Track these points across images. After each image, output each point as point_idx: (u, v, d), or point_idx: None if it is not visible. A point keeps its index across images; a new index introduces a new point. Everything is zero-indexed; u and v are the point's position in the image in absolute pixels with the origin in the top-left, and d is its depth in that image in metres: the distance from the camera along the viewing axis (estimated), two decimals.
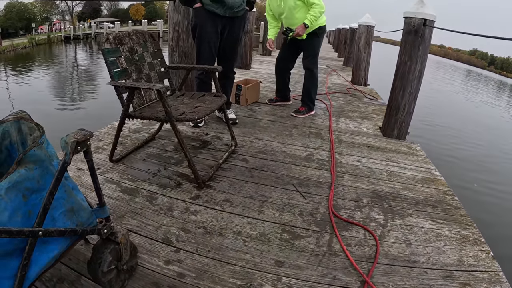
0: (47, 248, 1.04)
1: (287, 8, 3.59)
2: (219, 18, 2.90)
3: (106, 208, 1.21)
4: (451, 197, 2.32)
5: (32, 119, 1.14)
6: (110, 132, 2.89)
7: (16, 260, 0.95)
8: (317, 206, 2.04)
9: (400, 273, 1.56)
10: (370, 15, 6.55)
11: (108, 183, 2.10)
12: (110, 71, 2.08)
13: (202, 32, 2.92)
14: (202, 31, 2.91)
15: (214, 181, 2.24)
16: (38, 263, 1.02)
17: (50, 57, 22.85)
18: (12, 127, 1.12)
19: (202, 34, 2.92)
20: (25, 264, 0.95)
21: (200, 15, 2.88)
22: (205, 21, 2.88)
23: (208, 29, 2.90)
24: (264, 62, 8.82)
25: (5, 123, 1.11)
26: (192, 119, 2.03)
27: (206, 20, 2.88)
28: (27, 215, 0.96)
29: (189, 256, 1.54)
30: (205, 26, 2.89)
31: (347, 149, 3.03)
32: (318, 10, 3.52)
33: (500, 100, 20.97)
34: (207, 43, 2.95)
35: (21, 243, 0.95)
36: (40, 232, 0.95)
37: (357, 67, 6.74)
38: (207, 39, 2.93)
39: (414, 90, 3.32)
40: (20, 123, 1.13)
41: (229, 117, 3.42)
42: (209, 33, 2.91)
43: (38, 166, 0.99)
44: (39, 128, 1.10)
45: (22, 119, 1.12)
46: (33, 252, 0.98)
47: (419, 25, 3.12)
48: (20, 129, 1.13)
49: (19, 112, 1.16)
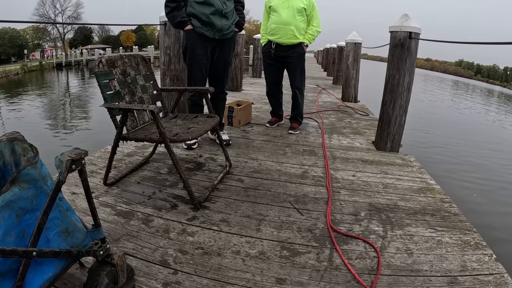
0: (41, 269, 1.01)
1: (291, 6, 3.66)
2: (208, 40, 2.96)
3: (101, 229, 1.19)
4: (448, 204, 2.32)
5: (26, 140, 1.12)
6: (103, 156, 2.86)
7: (9, 282, 0.92)
8: (315, 222, 2.02)
9: (404, 282, 1.53)
10: (357, 32, 6.69)
11: (103, 207, 2.07)
12: (103, 94, 2.08)
13: (192, 54, 2.97)
14: (193, 53, 2.96)
15: (210, 201, 2.22)
16: (32, 285, 0.98)
17: (43, 83, 22.91)
18: (5, 147, 1.11)
19: (192, 55, 2.97)
20: (18, 286, 0.92)
21: (191, 37, 2.94)
22: (195, 43, 2.94)
23: (199, 51, 2.96)
24: (254, 84, 8.90)
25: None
26: (186, 139, 2.02)
27: (196, 42, 2.93)
28: (20, 235, 0.93)
29: (187, 278, 1.50)
30: (195, 48, 2.95)
31: (341, 164, 3.03)
32: (315, 29, 3.73)
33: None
34: (197, 64, 2.99)
35: (14, 264, 0.92)
36: (34, 252, 0.92)
37: (347, 85, 6.83)
38: (197, 60, 2.98)
39: (404, 102, 3.36)
40: (13, 144, 1.11)
41: (223, 138, 3.43)
42: (200, 55, 2.97)
43: (32, 185, 0.98)
44: (32, 149, 1.08)
45: (16, 140, 1.11)
46: (27, 274, 0.95)
47: (404, 38, 3.19)
48: (13, 150, 1.11)
49: (12, 132, 1.14)
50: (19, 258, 0.93)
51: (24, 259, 0.93)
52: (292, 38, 3.71)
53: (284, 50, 3.78)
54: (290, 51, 3.77)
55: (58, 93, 18.28)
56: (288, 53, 3.79)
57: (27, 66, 31.22)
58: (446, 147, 8.61)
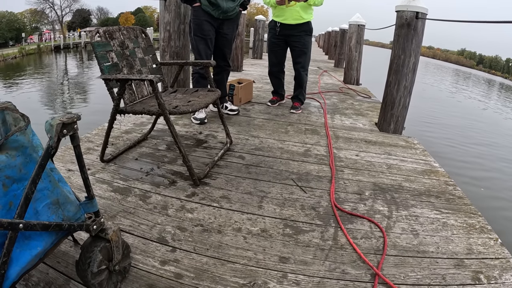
0: (29, 244, 0.94)
1: None
2: (214, 18, 3.09)
3: (95, 201, 1.11)
4: (453, 187, 2.27)
5: (18, 110, 1.04)
6: (100, 134, 2.78)
7: None
8: (318, 200, 1.96)
9: (411, 263, 1.48)
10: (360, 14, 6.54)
11: (99, 183, 2.00)
12: (100, 65, 1.99)
13: (200, 29, 3.07)
14: (201, 28, 3.07)
15: (210, 178, 2.15)
16: (20, 261, 0.91)
17: (40, 66, 22.62)
18: None
19: (200, 30, 3.07)
20: (4, 261, 0.85)
21: (198, 14, 3.05)
22: (202, 19, 3.05)
23: (206, 26, 3.07)
24: (255, 65, 8.76)
25: None
26: (186, 111, 1.94)
27: (203, 19, 3.05)
28: (7, 206, 0.86)
29: (186, 256, 1.44)
30: (203, 24, 3.06)
31: (344, 144, 2.96)
32: None
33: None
34: (204, 39, 3.09)
35: (0, 238, 0.85)
36: (21, 224, 0.84)
37: (349, 67, 6.70)
38: (204, 36, 3.08)
39: (409, 83, 3.27)
40: (4, 114, 1.02)
41: (231, 108, 3.56)
42: (207, 30, 3.08)
43: (21, 153, 0.90)
44: (24, 118, 0.99)
45: (7, 109, 1.02)
46: (14, 249, 0.87)
47: (411, 18, 3.08)
48: (4, 120, 1.03)
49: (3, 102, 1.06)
50: (4, 231, 0.85)
51: (10, 232, 0.85)
52: (299, 19, 3.62)
53: (289, 29, 3.69)
54: (296, 29, 3.67)
55: (57, 75, 18.05)
56: (294, 32, 3.69)
57: (25, 50, 30.74)
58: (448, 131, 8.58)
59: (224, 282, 1.31)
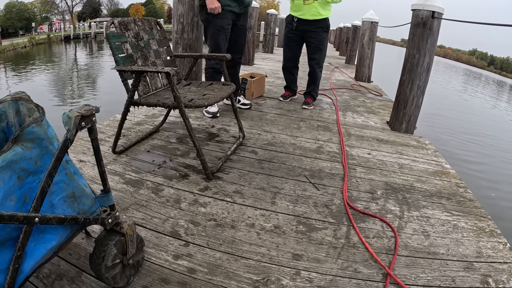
0: (44, 238, 0.93)
1: None
2: (232, 12, 3.12)
3: (111, 195, 1.11)
4: (464, 189, 2.25)
5: (32, 100, 1.03)
6: (112, 125, 2.78)
7: (9, 251, 0.84)
8: (331, 198, 1.95)
9: (422, 265, 1.47)
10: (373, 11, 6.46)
11: (111, 175, 2.00)
12: (115, 56, 1.98)
13: (219, 25, 3.07)
14: (219, 25, 3.07)
15: (223, 172, 2.14)
16: (34, 255, 0.90)
17: (50, 56, 22.74)
18: (9, 107, 1.01)
19: (219, 27, 3.08)
20: (18, 255, 0.84)
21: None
22: (221, 16, 3.05)
23: (225, 22, 3.09)
24: (266, 59, 8.73)
25: (2, 103, 1.00)
26: (201, 105, 1.92)
27: (222, 15, 3.05)
28: (22, 199, 0.85)
29: (199, 250, 1.44)
30: (221, 20, 3.06)
31: (356, 141, 2.94)
32: None
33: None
34: (224, 33, 3.11)
35: (14, 232, 0.84)
36: (37, 218, 0.83)
37: (361, 64, 6.64)
38: (225, 30, 3.10)
39: (422, 83, 3.23)
40: (18, 104, 1.02)
41: (244, 102, 3.55)
42: (226, 24, 3.10)
43: (37, 145, 0.89)
44: (39, 109, 0.99)
45: (21, 100, 1.01)
46: (28, 243, 0.86)
47: (427, 17, 3.03)
48: (18, 110, 1.02)
49: (18, 92, 1.05)
50: (19, 225, 0.84)
51: (25, 225, 0.84)
52: (316, 15, 3.59)
53: (306, 25, 3.66)
54: (313, 25, 3.65)
55: (66, 65, 18.13)
56: (311, 28, 3.66)
57: (34, 39, 30.96)
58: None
59: (237, 278, 1.31)
